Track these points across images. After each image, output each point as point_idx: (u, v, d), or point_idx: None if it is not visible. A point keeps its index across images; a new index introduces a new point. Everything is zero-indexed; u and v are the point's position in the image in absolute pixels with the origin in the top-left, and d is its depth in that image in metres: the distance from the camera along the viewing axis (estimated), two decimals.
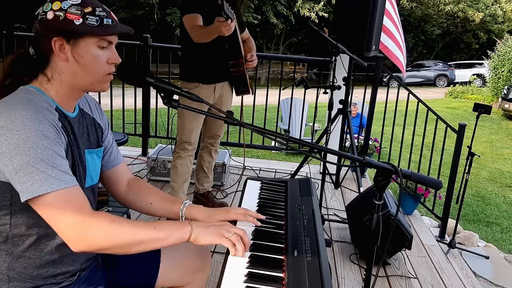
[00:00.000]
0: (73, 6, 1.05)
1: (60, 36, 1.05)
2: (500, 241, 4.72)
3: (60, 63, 1.08)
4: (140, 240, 1.03)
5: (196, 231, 1.07)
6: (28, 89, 1.07)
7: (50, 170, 0.97)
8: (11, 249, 1.07)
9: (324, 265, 1.02)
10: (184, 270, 1.39)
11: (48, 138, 0.99)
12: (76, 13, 1.04)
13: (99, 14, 1.07)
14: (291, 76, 4.32)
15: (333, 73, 2.84)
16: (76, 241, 1.00)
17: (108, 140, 1.33)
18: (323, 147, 1.45)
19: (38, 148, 0.97)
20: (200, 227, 1.09)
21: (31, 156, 0.96)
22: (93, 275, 1.26)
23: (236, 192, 3.43)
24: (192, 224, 1.09)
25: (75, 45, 1.06)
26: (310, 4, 17.54)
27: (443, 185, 1.62)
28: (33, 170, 0.96)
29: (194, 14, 2.46)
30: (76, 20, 1.04)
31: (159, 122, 5.38)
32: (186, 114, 2.67)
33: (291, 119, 5.37)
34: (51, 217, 1.00)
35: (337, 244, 2.76)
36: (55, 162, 0.99)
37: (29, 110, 0.99)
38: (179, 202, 1.30)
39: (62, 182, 0.99)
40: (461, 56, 25.40)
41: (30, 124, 0.97)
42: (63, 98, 1.11)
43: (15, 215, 1.05)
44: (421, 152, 3.78)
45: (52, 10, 1.04)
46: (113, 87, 4.28)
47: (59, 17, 1.04)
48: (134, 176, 1.42)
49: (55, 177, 0.98)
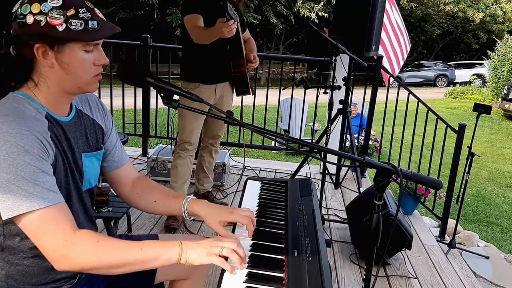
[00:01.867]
0: (54, 9, 0.97)
1: (43, 42, 0.98)
2: (500, 241, 4.72)
3: (44, 69, 1.02)
4: (126, 262, 0.99)
5: (186, 252, 1.01)
6: (16, 97, 1.02)
7: (32, 188, 0.94)
8: (8, 258, 1.06)
9: (324, 265, 1.02)
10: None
11: (31, 154, 0.94)
12: (58, 17, 0.97)
13: (83, 16, 0.99)
14: (291, 76, 4.32)
15: (333, 73, 2.84)
16: (58, 260, 0.97)
17: (111, 141, 1.29)
18: (323, 147, 1.45)
19: (19, 165, 0.93)
20: (189, 247, 1.02)
21: (12, 173, 0.92)
22: (93, 277, 1.25)
23: (236, 192, 3.43)
24: (182, 245, 1.02)
25: (60, 51, 1.00)
26: (310, 4, 17.53)
27: (443, 185, 1.62)
28: (14, 188, 0.92)
29: (195, 15, 2.46)
30: (59, 26, 0.97)
31: (159, 122, 5.38)
32: (187, 114, 2.67)
33: (291, 119, 5.37)
34: (33, 235, 0.97)
35: (337, 244, 2.76)
36: (37, 179, 0.95)
37: (11, 123, 0.94)
38: (182, 197, 1.27)
39: (44, 200, 0.95)
40: (461, 56, 25.39)
41: (11, 140, 0.92)
42: (52, 103, 1.06)
43: (7, 226, 1.03)
44: (421, 152, 3.78)
45: (31, 14, 0.97)
46: (113, 87, 4.29)
47: (40, 22, 0.97)
48: (139, 175, 1.39)
49: (37, 195, 0.94)
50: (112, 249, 0.99)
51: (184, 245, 1.02)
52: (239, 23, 2.53)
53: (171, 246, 1.02)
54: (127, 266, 0.99)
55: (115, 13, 16.58)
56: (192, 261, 1.01)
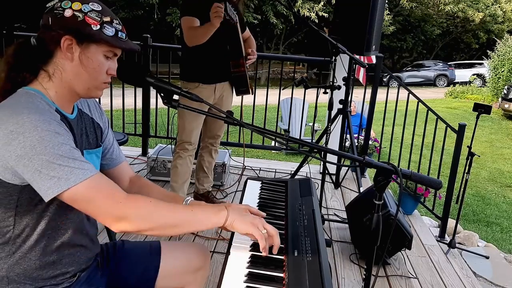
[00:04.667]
0: (94, 11, 1.06)
1: (73, 35, 1.05)
2: (500, 241, 4.72)
3: (63, 60, 1.08)
4: (177, 223, 1.05)
5: (232, 217, 1.07)
6: (29, 92, 1.06)
7: (73, 163, 0.99)
8: (12, 250, 1.08)
9: (324, 265, 1.02)
10: (184, 269, 1.39)
11: (61, 134, 1.00)
12: (96, 19, 1.06)
13: (115, 26, 1.09)
14: (291, 76, 4.32)
15: (333, 73, 2.84)
16: (116, 223, 1.02)
17: (108, 140, 1.33)
18: (323, 147, 1.45)
19: (55, 145, 0.97)
20: (236, 213, 1.08)
21: (50, 154, 0.96)
22: (93, 276, 1.26)
23: (236, 192, 3.43)
24: (228, 209, 1.09)
25: (86, 48, 1.07)
26: (310, 4, 17.52)
27: (443, 185, 1.62)
28: (56, 167, 0.97)
29: (191, 18, 2.45)
30: (94, 26, 1.06)
31: (159, 122, 5.38)
32: (186, 114, 2.67)
33: (291, 119, 5.37)
34: (86, 205, 1.01)
35: (337, 244, 2.77)
36: (74, 155, 1.00)
37: (36, 113, 0.99)
38: (181, 199, 1.28)
39: (87, 171, 1.00)
40: (461, 56, 25.40)
41: (41, 125, 0.97)
42: (61, 98, 1.11)
43: (19, 216, 1.06)
44: (421, 152, 3.78)
45: (71, 9, 1.04)
46: (113, 87, 4.28)
47: (77, 18, 1.04)
48: (136, 174, 1.42)
49: (79, 167, 0.99)
50: (165, 209, 1.05)
51: (231, 211, 1.08)
52: (238, 23, 2.53)
53: (218, 209, 1.09)
54: (178, 227, 1.05)
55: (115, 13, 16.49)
56: (236, 227, 1.07)
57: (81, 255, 1.19)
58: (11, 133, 0.96)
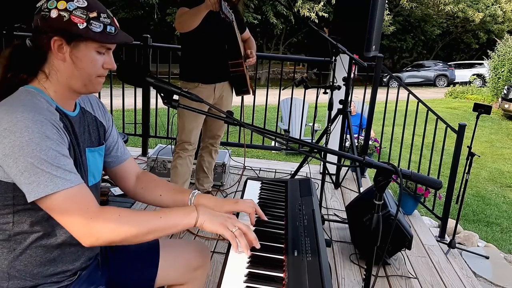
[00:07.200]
0: (79, 9, 1.04)
1: (61, 36, 1.05)
2: (500, 241, 4.72)
3: (57, 61, 1.08)
4: (148, 230, 1.06)
5: (202, 218, 1.09)
6: (28, 90, 1.07)
7: (55, 171, 0.99)
8: (13, 247, 1.08)
9: (324, 265, 1.02)
10: (184, 267, 1.39)
11: (51, 139, 1.00)
12: (81, 16, 1.04)
13: (103, 20, 1.07)
14: (291, 76, 4.31)
15: (333, 73, 2.84)
16: (86, 237, 1.02)
17: (112, 137, 1.34)
18: (323, 147, 1.45)
19: (42, 149, 0.98)
20: (206, 214, 1.10)
21: (35, 157, 0.97)
22: (94, 275, 1.26)
23: (236, 192, 3.43)
24: (198, 210, 1.10)
25: (75, 47, 1.06)
26: (310, 4, 17.52)
27: (443, 185, 1.62)
28: (38, 171, 0.97)
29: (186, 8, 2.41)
30: (80, 24, 1.04)
31: (159, 122, 5.37)
32: (186, 114, 2.67)
33: (291, 119, 5.37)
34: (59, 216, 1.02)
35: (337, 244, 2.76)
36: (59, 162, 1.00)
37: (31, 112, 0.99)
38: (188, 192, 1.31)
39: (67, 182, 1.00)
40: (461, 56, 25.39)
41: (33, 126, 0.97)
42: (61, 97, 1.11)
43: (17, 213, 1.06)
44: (421, 152, 3.78)
45: (56, 9, 1.03)
46: (113, 87, 4.28)
47: (63, 18, 1.03)
48: (143, 170, 1.43)
49: (60, 177, 0.99)
50: (133, 221, 1.05)
51: (201, 212, 1.10)
52: (235, 22, 2.53)
53: (188, 212, 1.11)
54: (149, 234, 1.06)
55: (115, 13, 16.53)
56: (206, 227, 1.09)
57: (82, 254, 1.19)
58: (4, 131, 0.97)
